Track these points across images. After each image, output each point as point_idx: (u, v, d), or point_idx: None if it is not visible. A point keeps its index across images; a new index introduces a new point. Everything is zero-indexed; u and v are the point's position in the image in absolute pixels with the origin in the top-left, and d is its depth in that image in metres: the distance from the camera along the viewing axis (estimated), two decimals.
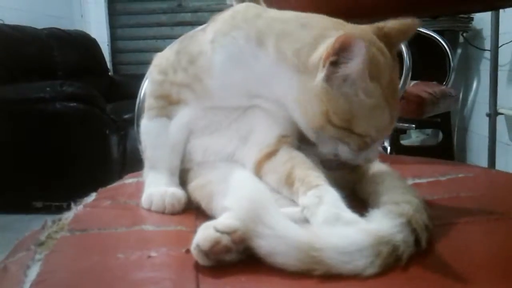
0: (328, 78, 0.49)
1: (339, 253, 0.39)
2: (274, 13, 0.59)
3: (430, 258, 0.43)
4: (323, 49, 0.50)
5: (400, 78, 1.66)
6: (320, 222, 0.44)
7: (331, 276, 0.39)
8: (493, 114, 1.95)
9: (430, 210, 0.48)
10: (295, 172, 0.52)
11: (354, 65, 0.48)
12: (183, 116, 0.62)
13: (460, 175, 0.68)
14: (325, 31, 0.52)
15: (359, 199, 0.56)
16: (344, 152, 0.53)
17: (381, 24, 0.55)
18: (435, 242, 0.45)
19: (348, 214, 0.45)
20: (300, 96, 0.52)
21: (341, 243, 0.40)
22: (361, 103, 0.49)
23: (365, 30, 0.54)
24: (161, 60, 0.65)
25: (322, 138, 0.53)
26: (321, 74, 0.49)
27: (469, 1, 0.85)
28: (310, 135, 0.54)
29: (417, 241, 0.43)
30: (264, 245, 0.40)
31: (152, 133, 0.64)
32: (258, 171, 0.57)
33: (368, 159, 0.55)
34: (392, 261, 0.40)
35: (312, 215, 0.46)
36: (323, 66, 0.49)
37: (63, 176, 2.68)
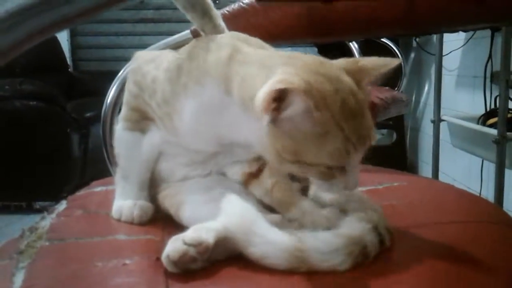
0: (273, 121, 0.50)
1: (320, 253, 0.48)
2: (244, 54, 0.57)
3: (393, 254, 0.53)
4: (263, 92, 0.48)
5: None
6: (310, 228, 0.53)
7: (313, 272, 0.47)
8: (437, 121, 2.09)
9: None
10: (275, 189, 0.59)
11: (295, 108, 0.48)
12: (155, 136, 0.64)
13: (395, 184, 0.77)
14: (274, 68, 0.51)
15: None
16: (316, 182, 0.54)
17: (359, 58, 0.56)
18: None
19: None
20: (259, 139, 0.53)
21: (321, 245, 0.49)
22: (305, 135, 0.50)
23: (310, 62, 0.53)
24: (137, 71, 0.65)
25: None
26: (265, 118, 0.49)
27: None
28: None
29: (381, 242, 0.52)
30: (256, 251, 0.49)
31: (126, 145, 0.67)
32: (246, 183, 0.63)
33: (347, 187, 0.53)
34: (362, 258, 0.50)
35: (301, 225, 0.55)
36: (266, 114, 0.49)
37: (23, 175, 2.66)
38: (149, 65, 0.64)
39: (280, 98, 0.48)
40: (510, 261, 0.55)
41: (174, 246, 0.48)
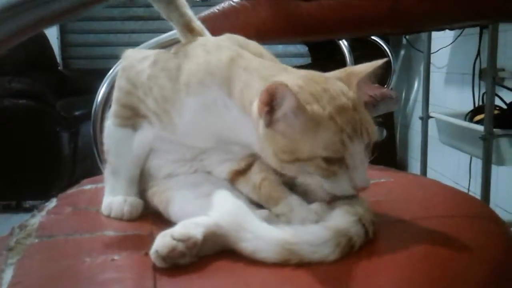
0: (268, 124, 0.53)
1: (310, 246, 0.49)
2: (245, 59, 0.59)
3: (376, 245, 0.54)
4: (257, 99, 0.54)
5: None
6: (298, 223, 0.54)
7: (301, 264, 0.49)
8: (425, 118, 2.11)
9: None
10: (264, 184, 0.60)
11: (286, 106, 0.51)
12: (147, 133, 0.64)
13: (381, 180, 0.78)
14: (269, 80, 0.55)
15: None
16: (314, 182, 0.55)
17: (349, 67, 0.60)
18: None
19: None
20: (259, 143, 0.56)
21: (311, 238, 0.50)
22: (298, 131, 0.52)
23: (301, 72, 0.57)
24: (130, 69, 0.65)
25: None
26: (261, 123, 0.54)
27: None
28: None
29: (366, 233, 0.54)
30: (248, 246, 0.50)
31: (116, 141, 0.67)
32: (233, 180, 0.63)
33: (354, 184, 0.54)
34: (348, 249, 0.51)
35: (288, 220, 0.55)
36: (261, 117, 0.53)
37: (12, 174, 2.64)
38: (143, 63, 0.65)
39: (271, 101, 0.52)
40: (492, 254, 0.57)
41: (162, 241, 0.49)
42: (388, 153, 3.25)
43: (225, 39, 0.65)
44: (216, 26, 0.84)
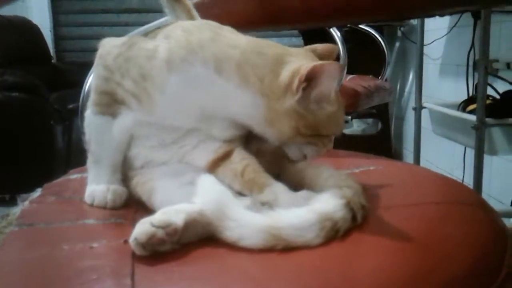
0: (299, 101, 0.56)
1: (295, 229, 0.49)
2: (228, 38, 0.61)
3: (363, 230, 0.54)
4: (287, 75, 0.56)
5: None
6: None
7: (287, 248, 0.48)
8: (418, 108, 2.10)
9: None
10: (247, 171, 0.60)
11: (327, 86, 0.56)
12: (126, 119, 0.63)
13: (371, 168, 0.77)
14: (281, 57, 0.59)
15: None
16: (310, 151, 0.61)
17: (313, 46, 0.65)
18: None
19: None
20: (267, 115, 0.58)
21: (295, 221, 0.50)
22: (326, 113, 0.58)
23: (307, 52, 0.62)
24: (107, 56, 0.65)
25: (290, 146, 0.61)
26: (293, 98, 0.56)
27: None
28: (278, 144, 0.61)
29: (353, 218, 0.53)
30: (232, 234, 0.49)
31: (96, 129, 0.66)
32: (211, 170, 0.62)
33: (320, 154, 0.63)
34: (333, 233, 0.51)
35: (275, 207, 0.54)
36: (297, 92, 0.56)
37: (6, 168, 2.63)
38: (120, 48, 0.64)
39: (311, 78, 0.55)
40: (478, 240, 0.56)
41: (141, 228, 0.48)
42: (383, 145, 3.24)
43: (202, 21, 0.66)
44: (213, 12, 0.83)
